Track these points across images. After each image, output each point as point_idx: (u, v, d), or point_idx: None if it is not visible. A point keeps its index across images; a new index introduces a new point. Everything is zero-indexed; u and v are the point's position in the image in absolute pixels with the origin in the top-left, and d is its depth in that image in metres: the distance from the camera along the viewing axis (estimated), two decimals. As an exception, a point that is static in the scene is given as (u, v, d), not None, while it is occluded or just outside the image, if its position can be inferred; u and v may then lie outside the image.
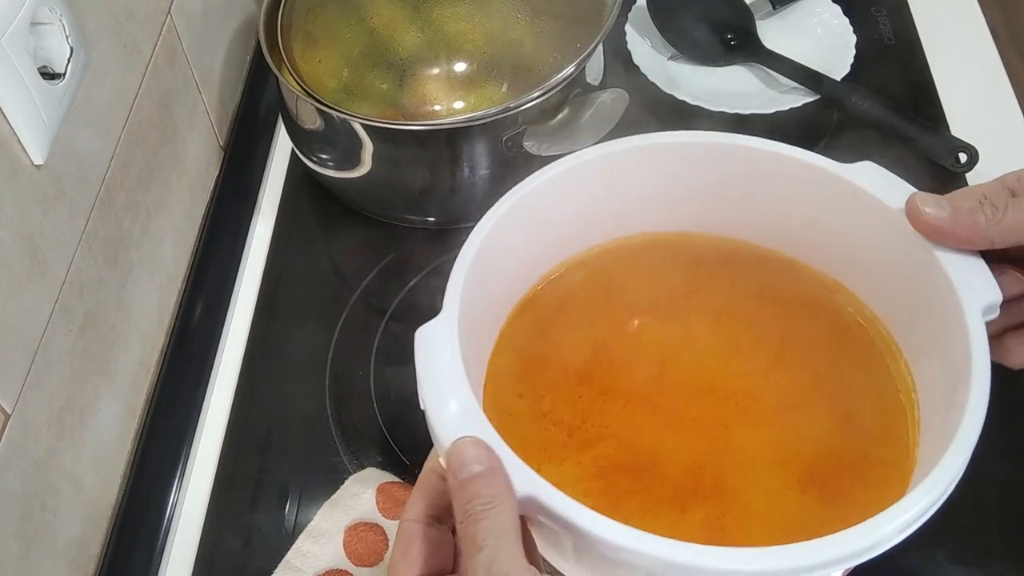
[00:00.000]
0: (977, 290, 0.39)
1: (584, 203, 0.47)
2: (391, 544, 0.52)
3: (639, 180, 0.47)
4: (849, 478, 0.42)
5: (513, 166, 0.62)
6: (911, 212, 0.41)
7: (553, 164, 0.45)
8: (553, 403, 0.44)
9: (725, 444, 0.43)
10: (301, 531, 0.52)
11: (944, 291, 0.40)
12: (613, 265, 0.50)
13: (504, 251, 0.44)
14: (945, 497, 0.35)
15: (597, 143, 0.47)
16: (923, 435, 0.42)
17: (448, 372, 0.37)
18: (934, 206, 0.40)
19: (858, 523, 0.34)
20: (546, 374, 0.46)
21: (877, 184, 0.43)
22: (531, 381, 0.45)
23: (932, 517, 0.36)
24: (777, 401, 0.45)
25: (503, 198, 0.44)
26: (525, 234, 0.45)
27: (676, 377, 0.46)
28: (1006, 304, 0.40)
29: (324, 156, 0.65)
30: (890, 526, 0.34)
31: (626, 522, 0.33)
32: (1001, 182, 0.40)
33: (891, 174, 0.43)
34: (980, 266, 0.40)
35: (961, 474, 0.36)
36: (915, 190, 0.42)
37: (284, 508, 0.55)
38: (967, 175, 0.67)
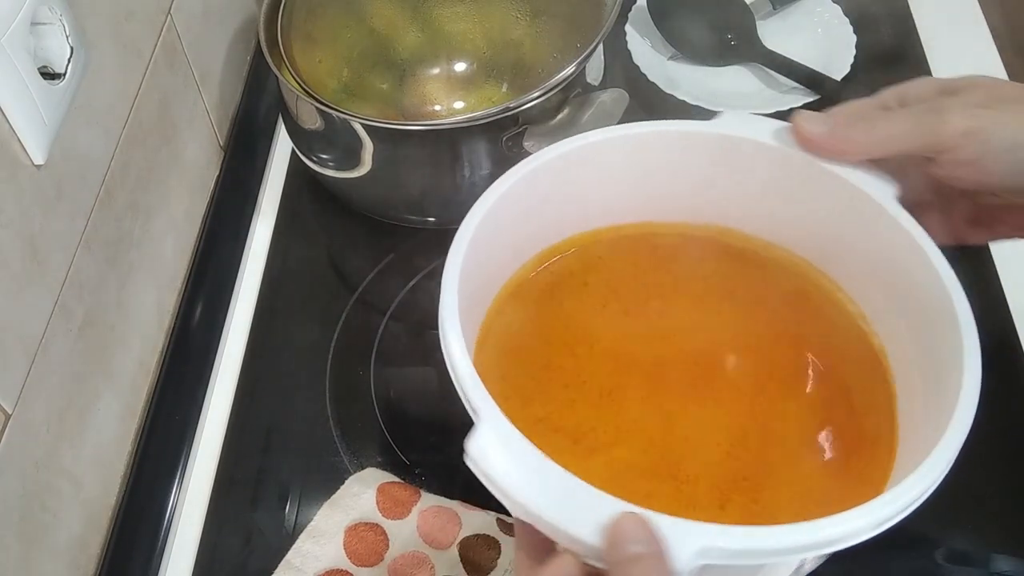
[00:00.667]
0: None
1: (556, 197, 0.47)
2: (391, 544, 0.52)
3: (612, 172, 0.47)
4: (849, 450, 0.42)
5: (513, 166, 0.62)
6: (795, 130, 0.44)
7: (524, 162, 0.45)
8: (546, 407, 0.44)
9: (741, 431, 0.43)
10: (301, 531, 0.52)
11: (923, 266, 0.41)
12: (596, 256, 0.50)
13: (485, 246, 0.43)
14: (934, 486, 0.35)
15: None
16: (905, 405, 0.42)
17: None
18: (814, 123, 0.43)
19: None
20: (534, 374, 0.45)
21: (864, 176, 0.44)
22: (516, 382, 0.45)
23: (932, 518, 0.36)
24: (775, 381, 0.45)
25: (482, 198, 0.44)
26: (508, 227, 0.45)
27: (674, 369, 0.46)
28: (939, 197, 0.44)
29: (324, 156, 0.65)
30: (864, 520, 0.34)
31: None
32: (878, 98, 0.43)
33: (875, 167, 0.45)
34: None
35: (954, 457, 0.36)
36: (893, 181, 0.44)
37: (284, 508, 0.55)
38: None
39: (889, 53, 0.77)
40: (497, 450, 0.34)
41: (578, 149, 0.46)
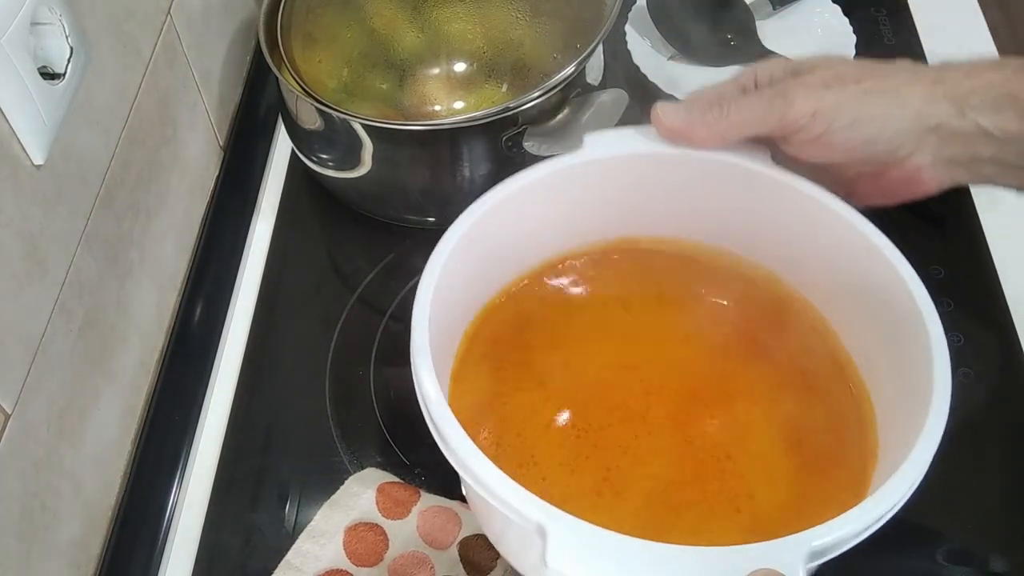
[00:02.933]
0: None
1: (527, 222, 0.48)
2: (391, 544, 0.52)
3: (581, 195, 0.48)
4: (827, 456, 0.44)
5: (513, 166, 0.62)
6: (655, 121, 0.45)
7: (498, 187, 0.46)
8: (535, 450, 0.44)
9: (724, 446, 0.44)
10: (301, 531, 0.52)
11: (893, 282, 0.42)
12: (567, 282, 0.51)
13: (450, 285, 0.44)
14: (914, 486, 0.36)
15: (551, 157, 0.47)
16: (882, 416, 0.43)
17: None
18: (671, 112, 0.45)
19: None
20: (517, 413, 0.45)
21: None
22: (497, 418, 0.45)
23: (932, 517, 0.36)
24: (755, 396, 0.46)
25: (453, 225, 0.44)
26: (474, 260, 0.46)
27: (656, 395, 0.46)
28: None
29: (324, 156, 0.65)
30: (845, 529, 0.35)
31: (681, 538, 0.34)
32: (736, 81, 0.46)
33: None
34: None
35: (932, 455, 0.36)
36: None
37: (284, 508, 0.55)
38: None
39: (889, 53, 0.77)
40: (577, 553, 0.33)
41: (533, 182, 0.47)
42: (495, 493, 0.36)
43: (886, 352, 0.43)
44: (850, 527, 0.34)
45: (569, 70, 0.59)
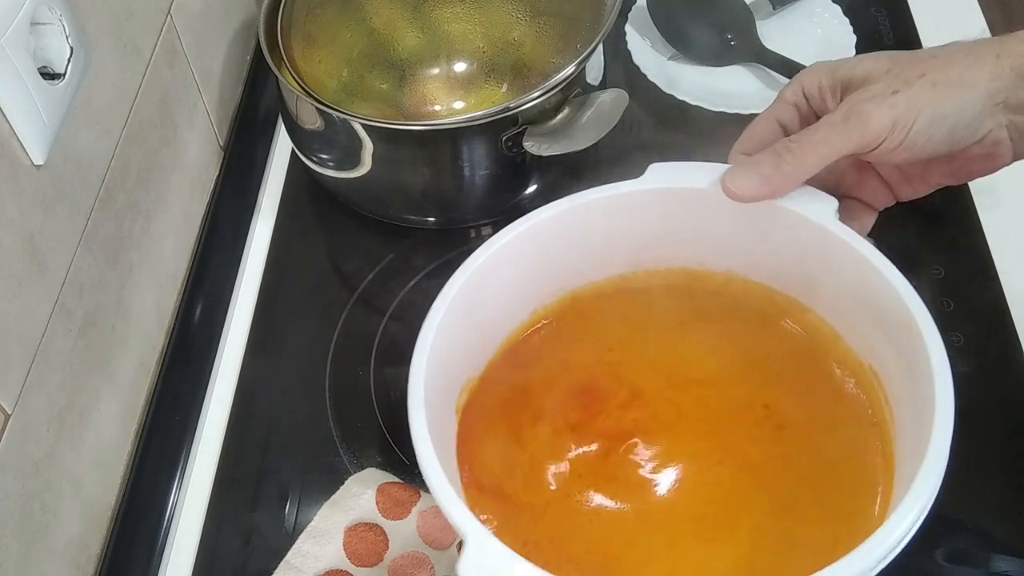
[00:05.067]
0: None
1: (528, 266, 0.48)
2: (391, 544, 0.52)
3: (585, 234, 0.48)
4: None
5: (513, 166, 0.62)
6: (728, 194, 0.44)
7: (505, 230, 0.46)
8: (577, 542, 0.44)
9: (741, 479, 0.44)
10: (301, 531, 0.52)
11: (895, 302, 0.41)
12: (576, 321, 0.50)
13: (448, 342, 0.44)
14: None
15: (555, 202, 0.47)
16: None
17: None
18: (743, 179, 0.44)
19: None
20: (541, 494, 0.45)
21: (802, 199, 0.45)
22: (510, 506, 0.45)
23: (932, 517, 0.36)
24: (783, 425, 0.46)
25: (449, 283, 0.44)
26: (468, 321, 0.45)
27: (678, 424, 0.46)
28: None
29: (324, 156, 0.65)
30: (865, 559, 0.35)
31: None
32: (783, 102, 0.46)
33: (819, 193, 0.45)
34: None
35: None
36: (832, 198, 0.45)
37: (284, 508, 0.55)
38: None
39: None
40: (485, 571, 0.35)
41: (535, 225, 0.46)
42: (436, 498, 0.38)
43: (899, 374, 0.43)
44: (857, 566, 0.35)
45: (569, 70, 0.59)
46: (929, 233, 0.63)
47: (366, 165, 0.62)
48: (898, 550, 0.35)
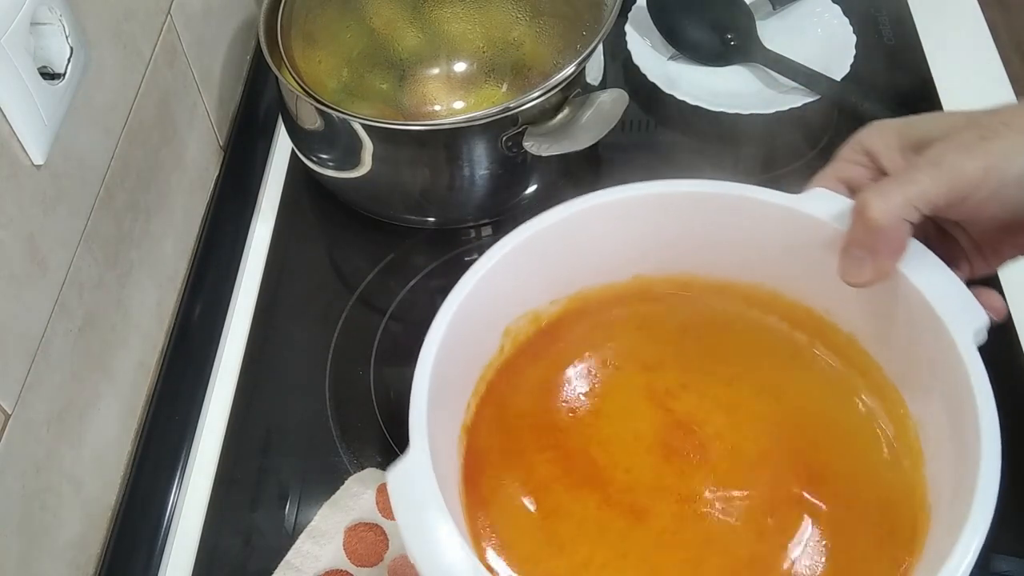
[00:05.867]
0: (962, 317, 0.41)
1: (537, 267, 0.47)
2: (391, 544, 0.52)
3: (598, 236, 0.47)
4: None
5: (513, 166, 0.62)
6: (850, 283, 0.42)
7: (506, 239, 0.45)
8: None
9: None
10: (301, 531, 0.52)
11: (928, 318, 0.41)
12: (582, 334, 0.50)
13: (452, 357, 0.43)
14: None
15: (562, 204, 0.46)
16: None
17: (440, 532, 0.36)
18: (860, 271, 0.42)
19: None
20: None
21: (827, 209, 0.44)
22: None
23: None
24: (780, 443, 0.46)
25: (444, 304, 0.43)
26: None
27: (701, 465, 0.46)
28: None
29: (324, 156, 0.65)
30: None
31: None
32: (845, 161, 0.44)
33: (839, 196, 0.44)
34: (961, 291, 0.41)
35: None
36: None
37: (284, 508, 0.55)
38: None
39: (889, 53, 0.77)
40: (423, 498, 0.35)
41: (560, 222, 0.46)
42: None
43: (943, 427, 0.42)
44: None
45: (569, 70, 0.59)
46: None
47: (366, 165, 0.62)
48: None
